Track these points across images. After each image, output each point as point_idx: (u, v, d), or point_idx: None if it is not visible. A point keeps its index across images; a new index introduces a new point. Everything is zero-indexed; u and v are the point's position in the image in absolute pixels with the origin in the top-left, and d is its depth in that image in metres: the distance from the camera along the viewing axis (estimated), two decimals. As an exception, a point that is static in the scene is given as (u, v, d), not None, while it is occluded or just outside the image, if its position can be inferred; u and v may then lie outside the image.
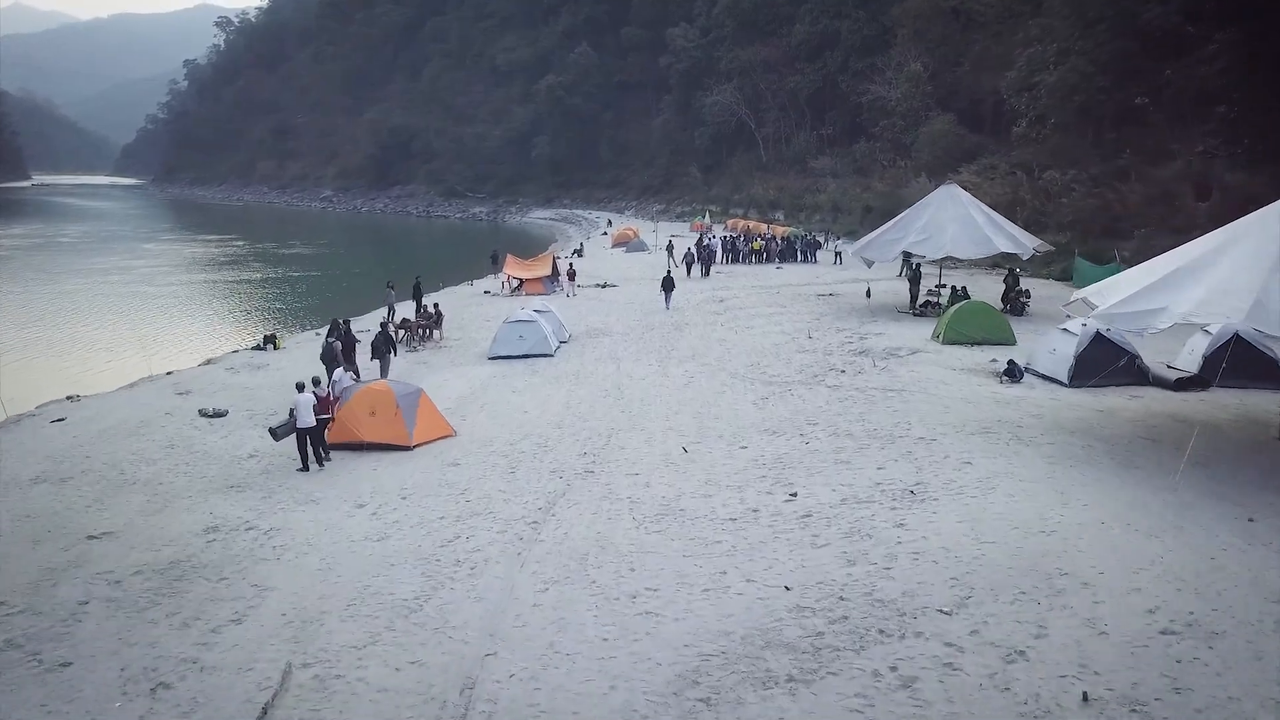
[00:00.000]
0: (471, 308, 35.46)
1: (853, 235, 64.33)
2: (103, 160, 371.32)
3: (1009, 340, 24.41)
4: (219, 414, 20.35)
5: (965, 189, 59.68)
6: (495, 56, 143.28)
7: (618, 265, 50.24)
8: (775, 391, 20.68)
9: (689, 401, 20.24)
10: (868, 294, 32.84)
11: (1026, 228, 38.42)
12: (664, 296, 35.46)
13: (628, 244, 60.69)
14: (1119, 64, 46.10)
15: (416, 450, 17.20)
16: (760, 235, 61.11)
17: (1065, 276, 38.78)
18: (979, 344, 24.10)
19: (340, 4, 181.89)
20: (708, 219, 76.00)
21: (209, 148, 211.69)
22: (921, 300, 30.97)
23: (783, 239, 48.82)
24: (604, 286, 39.75)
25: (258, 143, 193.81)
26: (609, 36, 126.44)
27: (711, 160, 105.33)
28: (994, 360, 22.44)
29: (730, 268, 46.63)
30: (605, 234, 77.37)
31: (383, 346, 23.41)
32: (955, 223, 28.19)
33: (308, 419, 16.24)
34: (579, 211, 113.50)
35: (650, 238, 63.50)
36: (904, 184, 69.31)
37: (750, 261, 48.16)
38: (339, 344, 22.14)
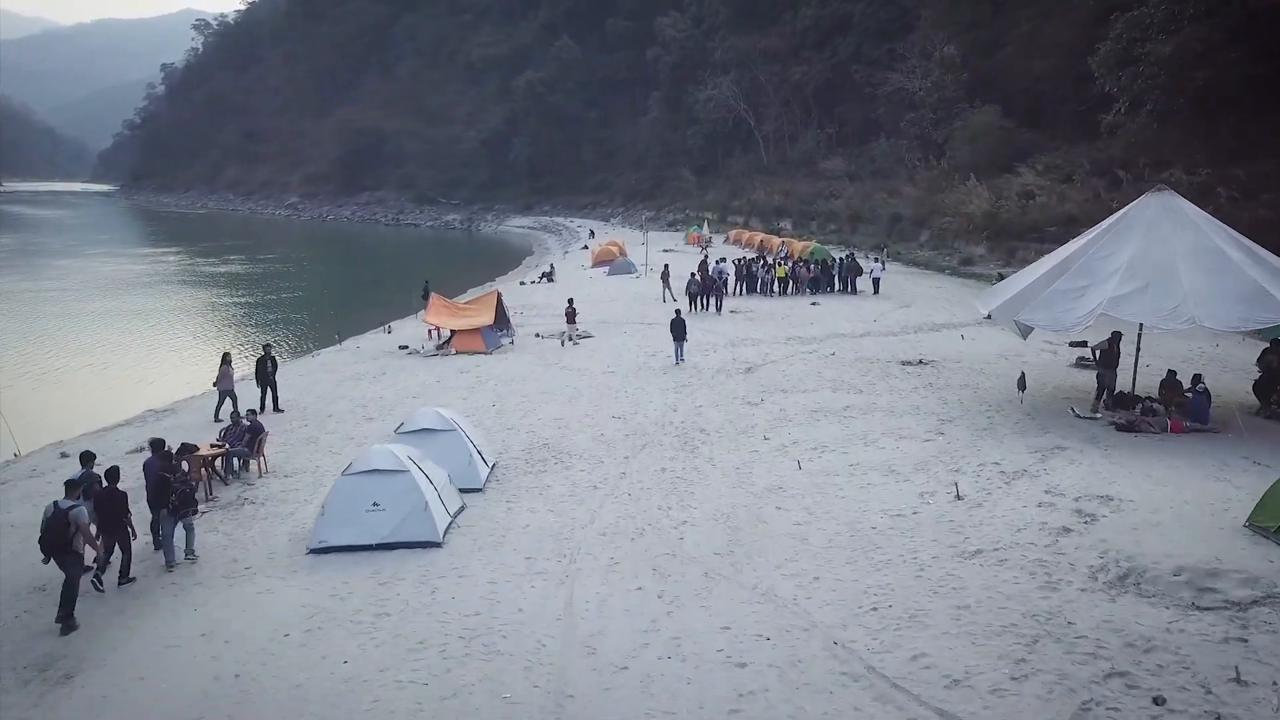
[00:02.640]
0: (363, 384, 22.19)
1: (895, 255, 51.81)
2: (80, 166, 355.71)
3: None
4: None
5: (1032, 195, 47.93)
6: (471, 52, 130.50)
7: (598, 295, 37.59)
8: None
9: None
10: (1021, 385, 18.19)
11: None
12: (676, 348, 23.85)
13: (611, 264, 47.91)
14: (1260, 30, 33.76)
15: None
16: (774, 252, 48.47)
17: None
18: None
19: (312, 1, 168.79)
20: (706, 230, 63.36)
21: (177, 153, 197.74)
22: (1104, 394, 17.08)
23: (812, 263, 36.00)
24: (574, 340, 27.25)
25: (225, 148, 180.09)
26: (592, 30, 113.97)
27: (705, 162, 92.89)
28: None
29: (747, 301, 33.85)
30: (586, 248, 64.47)
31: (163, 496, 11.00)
32: (1192, 261, 14.74)
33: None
34: (560, 219, 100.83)
35: (639, 253, 50.80)
36: (941, 188, 56.95)
37: (773, 292, 36.38)
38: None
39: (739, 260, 36.76)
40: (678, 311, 25.36)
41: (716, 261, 35.68)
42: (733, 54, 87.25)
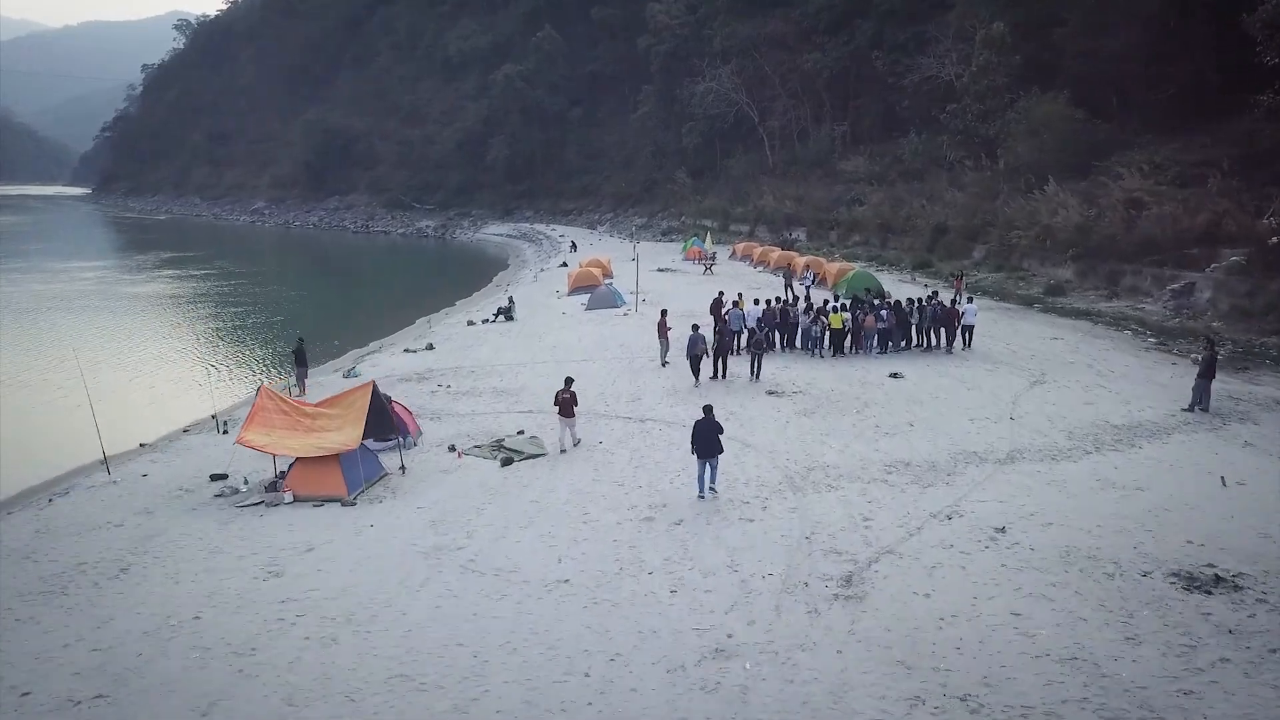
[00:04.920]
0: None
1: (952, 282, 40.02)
2: (61, 169, 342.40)
3: None
4: None
5: (1140, 204, 35.53)
6: (448, 46, 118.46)
7: (568, 347, 26.12)
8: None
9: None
10: None
11: None
12: (701, 473, 13.90)
13: (591, 292, 36.23)
14: None
15: None
16: (799, 275, 37.08)
17: None
18: None
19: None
20: (708, 244, 51.79)
21: (147, 156, 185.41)
22: None
23: (879, 305, 23.76)
24: (506, 459, 15.69)
25: (194, 150, 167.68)
26: (578, 19, 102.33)
27: (703, 162, 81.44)
28: None
29: (787, 366, 21.83)
30: (565, 265, 52.81)
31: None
32: None
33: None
34: (540, 227, 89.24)
35: (627, 271, 39.25)
36: (996, 193, 45.65)
37: (822, 350, 23.48)
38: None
39: (771, 302, 25.02)
40: (708, 411, 14.06)
41: (731, 303, 24.06)
42: (733, 41, 75.89)
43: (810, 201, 62.46)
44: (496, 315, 32.57)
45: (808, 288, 33.76)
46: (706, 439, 13.61)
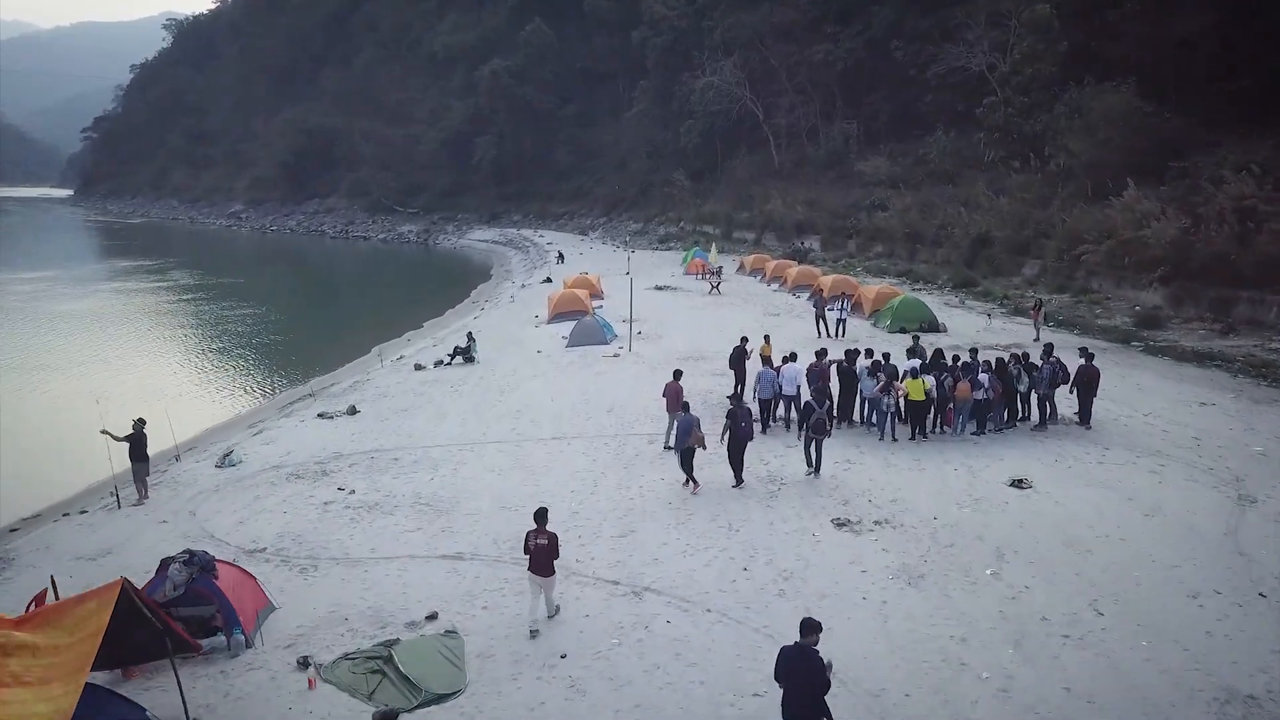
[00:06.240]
0: None
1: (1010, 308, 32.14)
2: (49, 170, 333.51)
3: None
4: None
5: (1255, 214, 27.29)
6: (434, 42, 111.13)
7: (534, 411, 19.03)
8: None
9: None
10: None
11: None
12: None
13: (577, 320, 29.07)
14: None
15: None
16: (824, 298, 29.87)
17: None
18: None
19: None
20: (713, 256, 44.66)
21: (128, 157, 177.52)
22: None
23: (973, 363, 16.62)
24: (386, 717, 7.27)
25: (173, 151, 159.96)
26: (569, 15, 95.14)
27: (703, 164, 74.43)
28: None
29: (844, 445, 14.70)
30: (549, 280, 45.72)
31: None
32: None
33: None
34: (528, 233, 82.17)
35: (619, 288, 32.19)
36: (1049, 199, 38.82)
37: (894, 429, 16.10)
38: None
39: (818, 359, 17.16)
40: (807, 631, 7.25)
41: (781, 359, 16.87)
42: (736, 32, 68.95)
43: (824, 206, 55.44)
44: (453, 356, 25.39)
45: (842, 319, 26.63)
46: (800, 695, 6.76)
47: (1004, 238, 39.27)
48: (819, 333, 26.85)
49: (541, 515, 10.26)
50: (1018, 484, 13.65)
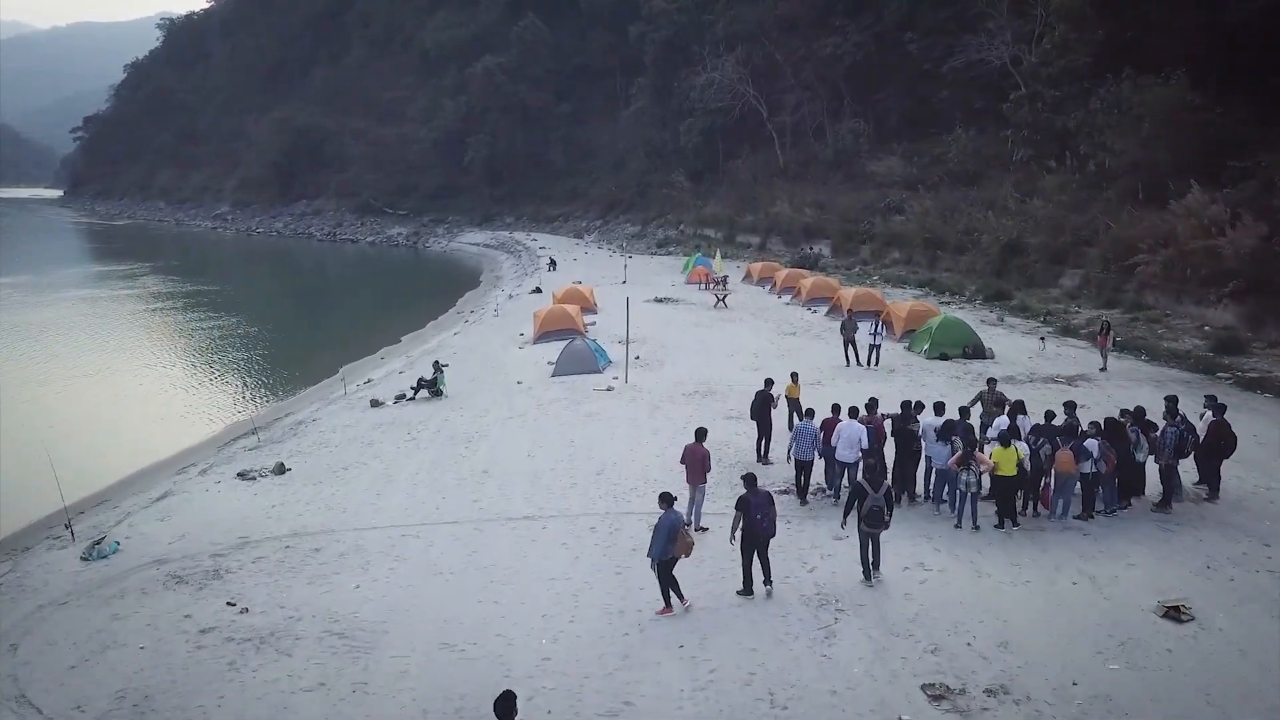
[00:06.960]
0: None
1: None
2: (44, 171, 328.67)
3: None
4: None
5: None
6: (425, 39, 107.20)
7: (505, 473, 15.07)
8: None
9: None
10: None
11: None
12: None
13: (568, 340, 25.08)
14: None
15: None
16: (845, 314, 25.93)
17: None
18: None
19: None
20: (717, 263, 40.70)
21: (117, 157, 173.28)
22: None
23: (1079, 427, 12.36)
24: None
25: (161, 151, 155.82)
26: (564, 10, 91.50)
27: (703, 164, 70.60)
28: None
29: (914, 534, 11.03)
30: (538, 291, 41.77)
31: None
32: None
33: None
34: (520, 236, 78.36)
35: (615, 299, 28.25)
36: (1087, 202, 35.02)
37: (975, 513, 11.77)
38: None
39: (871, 412, 13.30)
40: None
41: (810, 425, 12.88)
42: (739, 25, 65.40)
43: (834, 209, 51.60)
44: (417, 389, 21.43)
45: (876, 346, 22.62)
46: None
47: (1038, 245, 35.37)
48: (847, 360, 22.90)
49: (506, 711, 6.38)
50: (1173, 615, 9.64)
